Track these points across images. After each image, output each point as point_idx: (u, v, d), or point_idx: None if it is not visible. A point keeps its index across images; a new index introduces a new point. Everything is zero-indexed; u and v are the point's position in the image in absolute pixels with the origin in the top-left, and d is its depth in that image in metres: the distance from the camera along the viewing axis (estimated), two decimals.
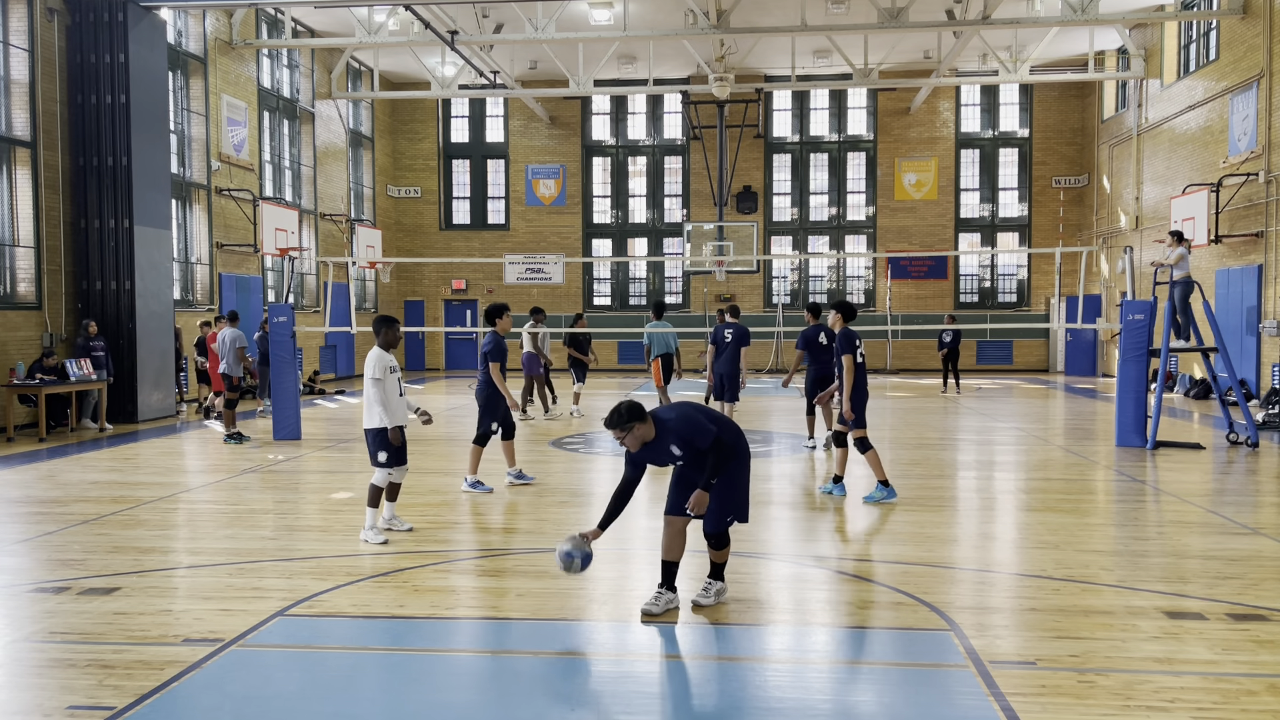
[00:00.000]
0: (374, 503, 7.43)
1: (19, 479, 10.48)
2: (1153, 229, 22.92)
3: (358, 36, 22.18)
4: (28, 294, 15.21)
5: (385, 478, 7.47)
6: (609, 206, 30.39)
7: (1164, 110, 22.82)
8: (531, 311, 16.55)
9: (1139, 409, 12.50)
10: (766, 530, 7.90)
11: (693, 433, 5.37)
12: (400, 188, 30.37)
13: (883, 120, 29.18)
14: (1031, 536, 7.62)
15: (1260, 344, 18.45)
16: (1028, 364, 29.00)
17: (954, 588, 6.18)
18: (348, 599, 5.91)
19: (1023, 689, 4.45)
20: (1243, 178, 18.84)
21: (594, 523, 5.71)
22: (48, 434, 14.16)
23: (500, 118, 30.39)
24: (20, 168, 15.11)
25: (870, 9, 21.45)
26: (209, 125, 19.89)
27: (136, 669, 4.71)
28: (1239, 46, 19.31)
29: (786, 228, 29.83)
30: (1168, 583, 6.21)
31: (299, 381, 13.99)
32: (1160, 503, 9.08)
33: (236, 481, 10.20)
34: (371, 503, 7.42)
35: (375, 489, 7.44)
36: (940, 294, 29.15)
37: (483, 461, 9.91)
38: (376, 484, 7.44)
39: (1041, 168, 28.80)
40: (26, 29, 15.09)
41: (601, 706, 4.35)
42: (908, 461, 11.53)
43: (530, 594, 6.03)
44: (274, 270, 23.20)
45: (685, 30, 21.13)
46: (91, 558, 6.90)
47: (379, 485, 7.45)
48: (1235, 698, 4.38)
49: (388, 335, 7.53)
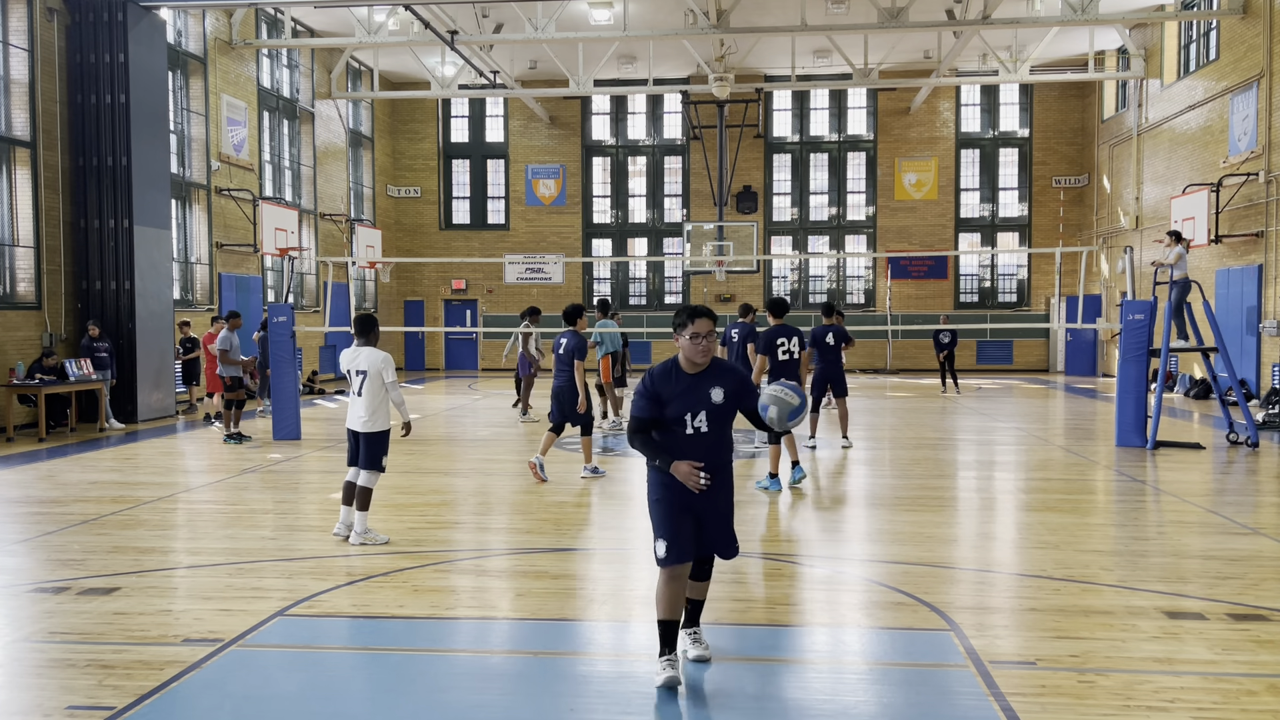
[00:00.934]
0: (367, 506, 7.30)
1: (19, 479, 10.48)
2: (1153, 229, 22.91)
3: (357, 36, 22.18)
4: (27, 294, 15.20)
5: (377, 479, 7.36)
6: (609, 206, 30.39)
7: (1164, 110, 22.82)
8: (522, 312, 16.45)
9: (1139, 409, 12.50)
10: (767, 530, 7.90)
11: (744, 386, 4.61)
12: (400, 188, 30.37)
13: (883, 120, 29.18)
14: (1031, 536, 7.62)
15: (1260, 344, 18.45)
16: (1028, 364, 29.00)
17: (954, 588, 6.17)
18: (348, 599, 5.91)
19: (1023, 689, 4.45)
20: (1243, 178, 18.84)
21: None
22: (47, 434, 14.16)
23: (500, 118, 30.39)
24: (20, 168, 15.10)
25: (870, 9, 21.45)
26: (209, 125, 19.89)
27: (136, 669, 4.71)
28: (1239, 46, 19.31)
29: (786, 228, 29.83)
30: (1168, 583, 6.21)
31: (299, 381, 13.98)
32: (1160, 503, 9.08)
33: (236, 481, 10.20)
34: (365, 506, 7.27)
35: (369, 492, 7.28)
36: (940, 294, 29.14)
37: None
38: (370, 486, 7.28)
39: (1041, 168, 28.80)
40: (26, 29, 15.08)
41: (601, 706, 4.34)
42: (908, 461, 11.53)
43: (530, 594, 6.02)
44: (274, 270, 23.19)
45: (685, 30, 21.12)
46: (91, 558, 6.90)
47: (371, 488, 7.29)
48: (1235, 698, 4.38)
49: (376, 334, 7.40)
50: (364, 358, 7.24)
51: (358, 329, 7.36)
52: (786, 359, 9.62)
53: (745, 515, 8.39)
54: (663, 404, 4.49)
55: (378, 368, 7.22)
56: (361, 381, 7.24)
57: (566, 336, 10.12)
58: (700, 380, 4.52)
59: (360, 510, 7.24)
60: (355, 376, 7.26)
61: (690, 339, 4.47)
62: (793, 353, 9.66)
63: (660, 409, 4.50)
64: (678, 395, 4.48)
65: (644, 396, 4.53)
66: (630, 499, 9.33)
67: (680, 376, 4.52)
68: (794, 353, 9.67)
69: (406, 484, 9.92)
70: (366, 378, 7.23)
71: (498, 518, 8.53)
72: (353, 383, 7.29)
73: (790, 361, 9.64)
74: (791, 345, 9.69)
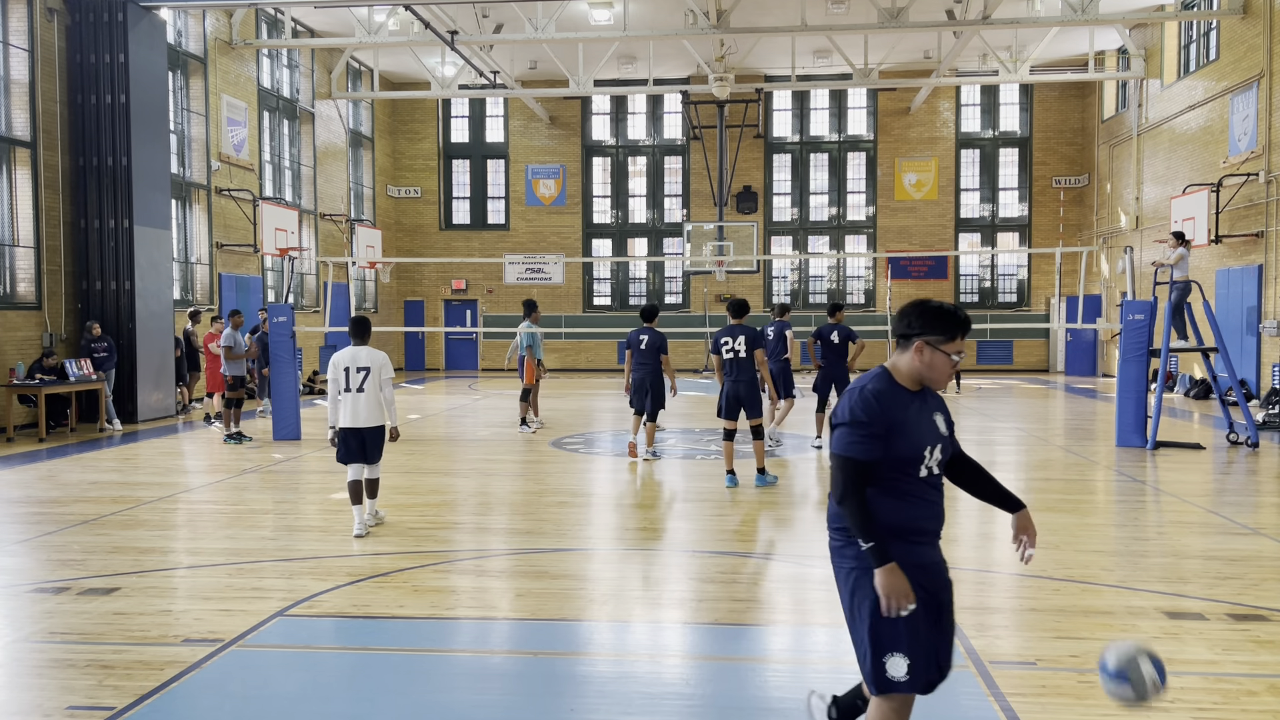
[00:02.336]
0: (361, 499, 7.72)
1: (19, 479, 10.48)
2: (1153, 229, 22.91)
3: (358, 36, 22.17)
4: (28, 294, 15.20)
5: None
6: (609, 206, 30.38)
7: (1164, 110, 22.82)
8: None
9: (1139, 409, 12.49)
10: (767, 530, 7.90)
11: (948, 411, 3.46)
12: (400, 188, 30.37)
13: (883, 120, 29.18)
14: None
15: (1260, 344, 18.45)
16: (1028, 364, 28.99)
17: (954, 588, 6.16)
18: (348, 599, 5.91)
19: (1023, 689, 4.45)
20: (1243, 178, 18.84)
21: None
22: (47, 434, 14.15)
23: (500, 118, 30.39)
24: (20, 168, 15.10)
25: (870, 9, 21.44)
26: (209, 125, 19.88)
27: (136, 669, 4.71)
28: (1239, 46, 19.31)
29: (786, 228, 29.83)
30: (1168, 583, 6.21)
31: (299, 382, 13.98)
32: (1160, 503, 9.08)
33: (236, 481, 10.20)
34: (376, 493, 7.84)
35: (377, 481, 7.81)
36: (940, 294, 29.11)
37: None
38: (378, 476, 7.81)
39: (1041, 168, 28.79)
40: (26, 29, 15.08)
41: (601, 706, 4.34)
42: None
43: (530, 594, 6.02)
44: (274, 270, 23.19)
45: (685, 30, 21.12)
46: (91, 558, 6.90)
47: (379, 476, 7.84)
48: (1235, 698, 4.38)
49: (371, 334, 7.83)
50: (365, 355, 7.55)
51: (355, 330, 7.67)
52: (731, 357, 9.87)
53: (744, 515, 8.40)
54: (889, 437, 3.18)
55: (379, 365, 7.52)
56: (364, 378, 7.50)
57: (646, 333, 11.37)
58: (923, 402, 3.29)
59: (372, 497, 7.74)
60: (357, 374, 7.51)
61: (950, 356, 3.22)
62: (737, 351, 9.86)
63: (886, 446, 3.18)
64: (909, 422, 3.21)
65: (865, 428, 3.17)
66: (631, 498, 9.34)
67: (903, 396, 3.25)
68: (738, 351, 9.86)
69: (407, 484, 9.92)
70: (369, 374, 7.51)
71: (498, 518, 8.53)
72: (353, 380, 7.51)
73: (737, 360, 9.85)
74: (736, 344, 9.87)
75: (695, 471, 10.79)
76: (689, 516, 8.36)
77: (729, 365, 9.86)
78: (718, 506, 8.75)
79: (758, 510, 8.68)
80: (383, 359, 7.57)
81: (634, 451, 11.47)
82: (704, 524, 8.04)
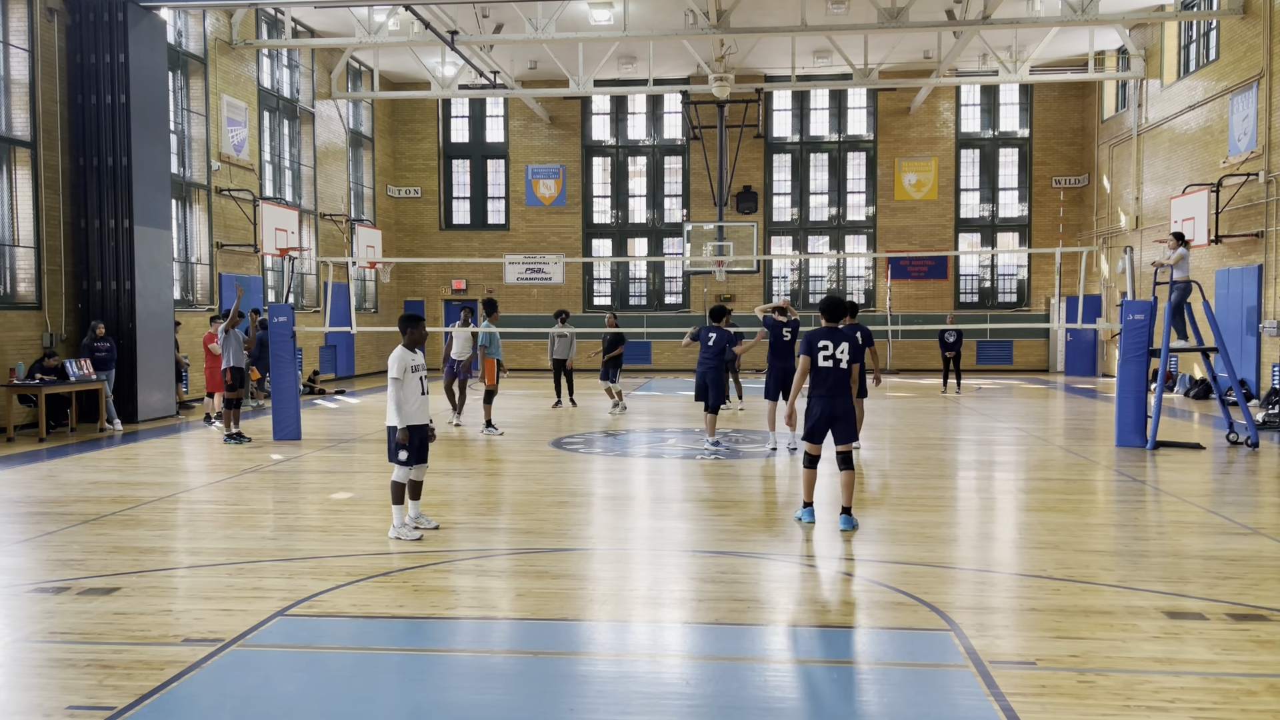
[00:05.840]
0: (398, 500, 7.52)
1: (19, 479, 10.48)
2: (1153, 229, 22.91)
3: (358, 36, 22.18)
4: (28, 294, 15.20)
5: (405, 475, 7.54)
6: (609, 206, 30.39)
7: (1164, 110, 22.82)
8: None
9: (1139, 409, 12.49)
10: (768, 530, 7.90)
11: None
12: (400, 188, 30.37)
13: (883, 120, 29.18)
14: (1031, 536, 7.62)
15: (1260, 344, 18.45)
16: (1028, 364, 28.99)
17: (954, 588, 6.17)
18: (348, 599, 5.91)
19: (1023, 689, 4.45)
20: (1243, 178, 18.84)
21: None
22: (48, 434, 14.15)
23: (500, 118, 30.39)
24: (20, 168, 15.10)
25: (870, 9, 21.45)
26: (209, 125, 19.89)
27: (136, 669, 4.71)
28: (1239, 46, 19.31)
29: (786, 228, 29.83)
30: (1168, 583, 6.21)
31: (299, 382, 13.98)
32: (1160, 503, 9.08)
33: (236, 481, 10.20)
34: (396, 500, 7.51)
35: (397, 486, 7.53)
36: (940, 294, 29.14)
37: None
38: (397, 480, 7.52)
39: (1041, 168, 28.80)
40: (26, 29, 15.08)
41: (601, 706, 4.34)
42: (908, 461, 11.53)
43: (530, 594, 6.03)
44: (274, 270, 23.19)
45: (685, 30, 21.12)
46: (91, 558, 6.90)
47: (399, 482, 7.52)
48: (1235, 698, 4.38)
49: (412, 334, 7.64)
50: (391, 356, 7.57)
51: (398, 328, 7.83)
52: (830, 365, 9.30)
53: (743, 515, 8.40)
54: None
55: (390, 365, 7.51)
56: (421, 376, 7.65)
57: (715, 332, 12.09)
58: None
59: (394, 504, 7.55)
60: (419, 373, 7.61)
61: None
62: (838, 359, 9.29)
63: None
64: None
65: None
66: (630, 498, 9.34)
67: None
68: (840, 360, 9.30)
69: None
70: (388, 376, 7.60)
71: (498, 518, 8.53)
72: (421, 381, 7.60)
73: (837, 369, 9.25)
74: (838, 351, 9.36)
75: (695, 471, 10.79)
76: (689, 516, 8.36)
77: (824, 375, 7.96)
78: (718, 506, 8.76)
79: (758, 510, 8.68)
80: (395, 358, 7.53)
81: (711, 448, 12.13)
82: (704, 524, 8.04)
